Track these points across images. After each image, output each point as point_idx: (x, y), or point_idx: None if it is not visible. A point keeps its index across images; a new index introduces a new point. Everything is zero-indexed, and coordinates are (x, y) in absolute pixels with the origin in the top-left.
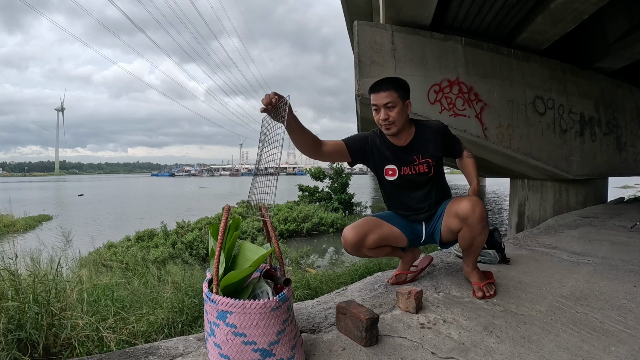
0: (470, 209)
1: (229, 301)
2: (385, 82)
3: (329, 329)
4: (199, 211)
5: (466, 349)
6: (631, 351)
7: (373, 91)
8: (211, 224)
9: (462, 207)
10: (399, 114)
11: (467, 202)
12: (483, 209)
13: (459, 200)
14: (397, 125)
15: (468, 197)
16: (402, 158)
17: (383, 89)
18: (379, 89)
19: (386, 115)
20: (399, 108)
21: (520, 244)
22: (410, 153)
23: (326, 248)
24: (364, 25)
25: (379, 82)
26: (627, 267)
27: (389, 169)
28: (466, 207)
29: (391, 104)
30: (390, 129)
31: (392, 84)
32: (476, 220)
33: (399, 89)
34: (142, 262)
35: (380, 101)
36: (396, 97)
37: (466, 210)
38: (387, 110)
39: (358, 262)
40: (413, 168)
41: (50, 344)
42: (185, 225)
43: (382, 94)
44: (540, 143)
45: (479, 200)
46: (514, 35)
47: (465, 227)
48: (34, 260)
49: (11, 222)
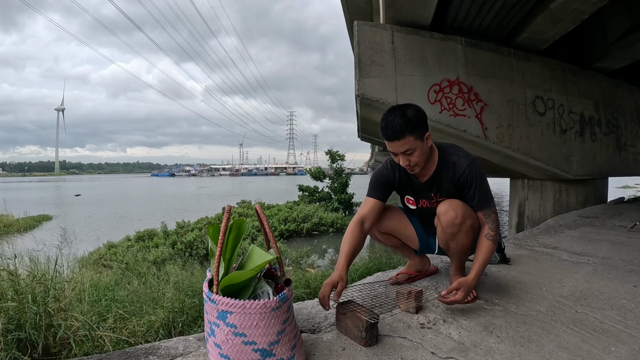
0: (443, 210)
1: (229, 301)
2: (398, 127)
3: (329, 329)
4: (198, 211)
5: (466, 349)
6: (631, 351)
7: (386, 139)
8: (210, 225)
9: (440, 207)
10: (420, 156)
11: (446, 204)
12: (459, 215)
13: (446, 201)
14: (420, 164)
15: (450, 200)
16: (421, 193)
17: (398, 138)
18: (393, 138)
19: (406, 161)
20: (420, 150)
21: (520, 244)
22: (429, 190)
23: (326, 248)
24: (364, 25)
25: (392, 129)
26: (627, 267)
27: (408, 199)
28: (442, 208)
29: (410, 150)
30: (413, 170)
31: (406, 129)
32: (446, 222)
33: (413, 130)
34: (142, 262)
35: (397, 149)
36: (413, 141)
37: (441, 210)
38: (406, 156)
39: (358, 262)
40: (430, 203)
41: (49, 344)
42: (185, 225)
43: (397, 144)
44: (540, 143)
45: (462, 206)
46: (514, 35)
47: (438, 227)
48: (33, 260)
49: (11, 222)
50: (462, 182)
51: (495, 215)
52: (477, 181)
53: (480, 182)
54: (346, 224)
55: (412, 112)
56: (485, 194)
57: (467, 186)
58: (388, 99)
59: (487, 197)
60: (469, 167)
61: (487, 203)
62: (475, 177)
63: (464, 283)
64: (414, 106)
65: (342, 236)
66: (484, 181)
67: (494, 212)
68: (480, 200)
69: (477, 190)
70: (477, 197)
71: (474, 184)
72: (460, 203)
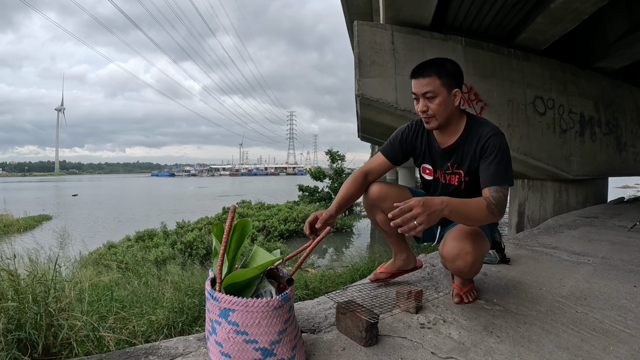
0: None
1: (232, 299)
2: (428, 65)
3: (329, 329)
4: (198, 211)
5: (466, 349)
6: (631, 351)
7: (413, 76)
8: (214, 224)
9: (446, 249)
10: (441, 106)
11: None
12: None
13: (454, 234)
14: (439, 119)
15: (459, 240)
16: (438, 161)
17: (424, 75)
18: (419, 74)
19: (425, 107)
20: (442, 98)
21: (520, 244)
22: (447, 159)
23: (326, 248)
24: (364, 25)
25: (421, 65)
26: (627, 267)
27: (425, 168)
28: (449, 251)
29: (431, 93)
30: (429, 123)
31: (435, 69)
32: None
33: (443, 75)
34: (142, 262)
35: (418, 89)
36: (439, 85)
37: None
38: (426, 100)
39: (359, 262)
40: (444, 176)
41: (49, 344)
42: (185, 225)
43: (421, 81)
44: (540, 143)
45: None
46: (514, 35)
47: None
48: (33, 260)
49: (10, 222)
50: (483, 150)
51: (503, 197)
52: (499, 153)
53: (502, 156)
54: (346, 223)
55: (449, 62)
56: (503, 172)
57: (485, 155)
58: (388, 99)
59: (503, 176)
60: (494, 137)
61: (501, 181)
62: (499, 149)
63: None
64: (453, 61)
65: (342, 236)
66: (507, 158)
67: (504, 194)
68: (496, 175)
69: (495, 163)
70: (494, 170)
71: (494, 156)
72: (470, 246)
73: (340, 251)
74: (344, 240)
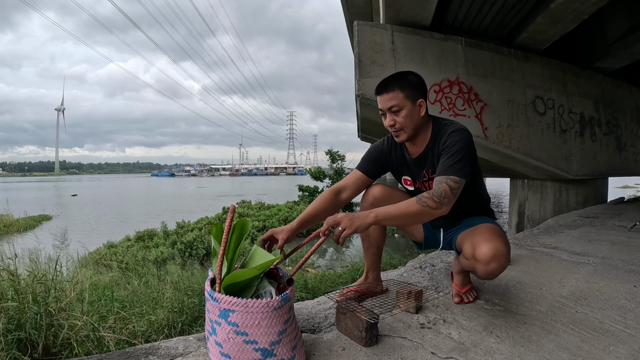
0: (487, 258)
1: (232, 300)
2: (390, 81)
3: (329, 329)
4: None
5: (466, 349)
6: (631, 351)
7: (377, 93)
8: (213, 225)
9: (480, 251)
10: (407, 118)
11: (488, 249)
12: (504, 263)
13: (484, 235)
14: (407, 131)
15: (493, 241)
16: (414, 171)
17: (387, 90)
18: (383, 90)
19: (392, 121)
20: (407, 111)
21: (520, 244)
22: (421, 168)
23: (326, 248)
24: (364, 25)
25: (383, 82)
26: (627, 267)
27: (406, 179)
28: (483, 254)
29: (396, 107)
30: (399, 136)
31: (397, 83)
32: (483, 272)
33: (406, 87)
34: (142, 262)
35: (384, 105)
36: (402, 98)
37: (484, 257)
38: (392, 115)
39: (359, 262)
40: (423, 184)
41: (50, 344)
42: (185, 225)
43: (385, 96)
44: (540, 143)
45: (505, 247)
46: (514, 35)
47: (472, 268)
48: (33, 260)
49: (11, 222)
50: (443, 147)
51: (447, 188)
52: (454, 147)
53: (457, 149)
54: None
55: (410, 74)
56: (452, 164)
57: (444, 151)
58: None
59: (453, 168)
60: (454, 133)
61: (450, 173)
62: (455, 143)
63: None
64: (415, 73)
65: None
66: (463, 153)
67: (451, 186)
68: (442, 168)
69: (447, 157)
70: (442, 163)
71: (448, 150)
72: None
73: (340, 251)
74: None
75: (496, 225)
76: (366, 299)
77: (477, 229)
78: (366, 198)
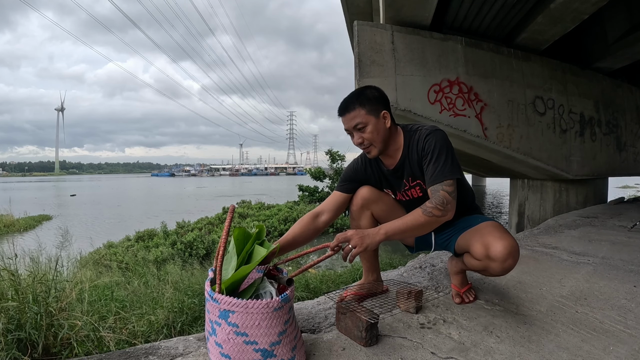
0: (503, 255)
1: (232, 300)
2: (349, 100)
3: (329, 329)
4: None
5: (466, 349)
6: (631, 351)
7: (340, 114)
8: (236, 227)
9: (495, 250)
10: (373, 133)
11: (504, 247)
12: (518, 258)
13: (494, 234)
14: (377, 145)
15: (505, 239)
16: (394, 183)
17: (348, 109)
18: (344, 111)
19: (360, 139)
20: (372, 126)
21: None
22: (400, 177)
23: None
24: (364, 25)
25: (343, 103)
26: (627, 267)
27: (387, 191)
28: (499, 253)
29: (361, 124)
30: (370, 152)
31: (357, 100)
32: (500, 270)
33: (365, 103)
34: (142, 262)
35: (348, 124)
36: (365, 115)
37: (500, 255)
38: (359, 132)
39: (358, 262)
40: (405, 194)
41: (50, 344)
42: (185, 225)
43: (347, 116)
44: (540, 143)
45: (516, 242)
46: (514, 35)
47: (486, 267)
48: (34, 260)
49: (11, 222)
50: (422, 154)
51: (445, 194)
52: (435, 150)
53: (439, 152)
54: (346, 223)
55: (369, 89)
56: (441, 168)
57: (425, 158)
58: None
59: (442, 172)
60: (429, 136)
61: (441, 178)
62: (434, 147)
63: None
64: (374, 87)
65: None
66: (445, 152)
67: (449, 190)
68: (434, 175)
69: (432, 163)
70: (431, 170)
71: (430, 155)
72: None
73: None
74: None
75: (497, 222)
76: (366, 299)
77: (481, 229)
78: (355, 200)
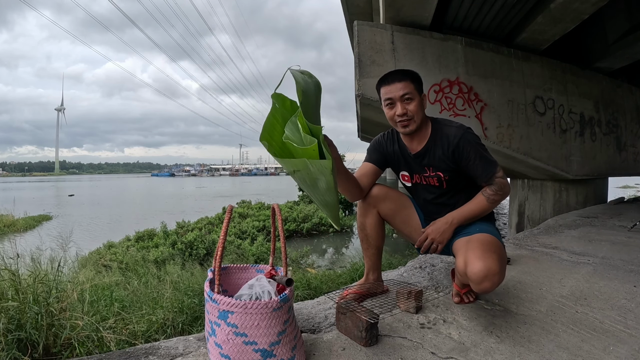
0: (478, 278)
1: (231, 301)
2: (399, 72)
3: (329, 329)
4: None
5: (466, 349)
6: (631, 351)
7: (385, 83)
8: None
9: (472, 270)
10: (418, 108)
11: (480, 270)
12: (497, 281)
13: (476, 252)
14: (417, 120)
15: (485, 259)
16: (414, 166)
17: (398, 80)
18: (393, 80)
19: (404, 110)
20: (418, 101)
21: (520, 244)
22: (421, 163)
23: (326, 248)
24: (364, 25)
25: (391, 73)
26: (627, 267)
27: (403, 175)
28: (474, 274)
29: (409, 95)
30: (408, 126)
31: (407, 75)
32: (477, 290)
33: (414, 80)
34: (142, 262)
35: (396, 93)
36: (413, 89)
37: (475, 277)
38: (404, 103)
39: (359, 262)
40: (424, 179)
41: (50, 344)
42: (185, 225)
43: (397, 85)
44: (540, 143)
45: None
46: (514, 35)
47: (466, 282)
48: (34, 260)
49: (11, 222)
50: (459, 154)
51: (501, 180)
52: (475, 150)
53: (477, 149)
54: (346, 223)
55: (413, 71)
56: (487, 161)
57: (464, 157)
58: None
59: (490, 164)
60: (464, 137)
61: (492, 170)
62: (472, 146)
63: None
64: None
65: (342, 236)
66: (482, 148)
67: (500, 176)
68: (486, 170)
69: (477, 159)
70: (481, 167)
71: (473, 154)
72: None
73: (340, 251)
74: (344, 240)
75: (492, 234)
76: (366, 299)
77: (471, 241)
78: (365, 198)
